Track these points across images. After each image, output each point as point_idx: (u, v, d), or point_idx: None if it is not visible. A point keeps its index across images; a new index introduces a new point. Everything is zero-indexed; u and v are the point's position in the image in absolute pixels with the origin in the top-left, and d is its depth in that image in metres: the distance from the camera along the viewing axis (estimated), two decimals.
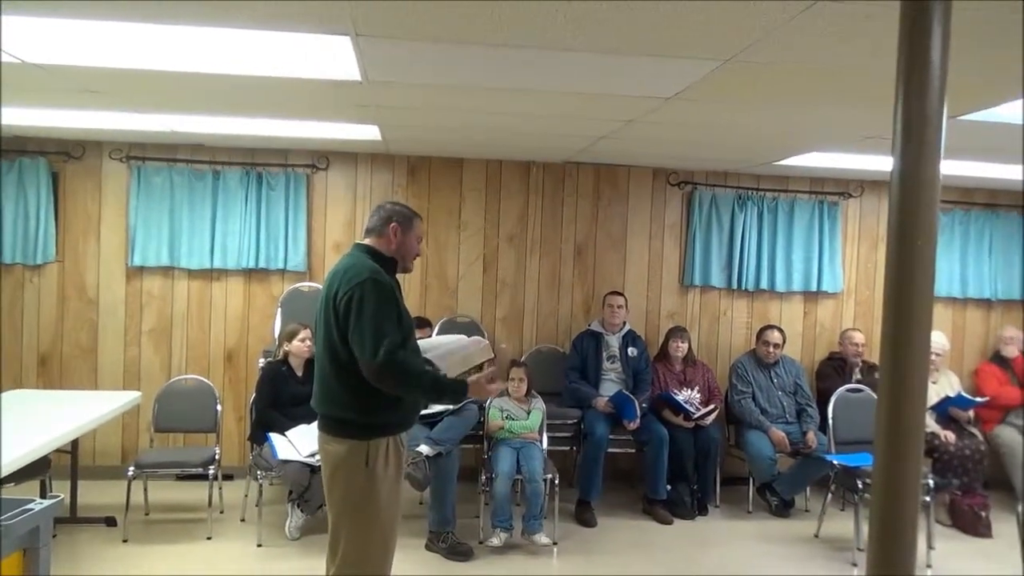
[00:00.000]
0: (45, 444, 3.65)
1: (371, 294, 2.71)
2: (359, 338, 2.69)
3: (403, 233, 2.95)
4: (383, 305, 2.73)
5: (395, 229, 2.93)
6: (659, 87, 3.24)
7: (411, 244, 3.00)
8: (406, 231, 2.96)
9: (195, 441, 5.27)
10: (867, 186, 6.19)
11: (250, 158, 5.62)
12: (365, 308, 2.69)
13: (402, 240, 2.95)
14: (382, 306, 2.72)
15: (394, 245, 2.94)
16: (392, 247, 2.94)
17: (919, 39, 1.56)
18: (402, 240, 2.95)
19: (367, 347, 2.67)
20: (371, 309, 2.70)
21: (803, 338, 6.19)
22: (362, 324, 2.69)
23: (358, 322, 2.70)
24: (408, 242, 2.98)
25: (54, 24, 2.57)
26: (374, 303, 2.71)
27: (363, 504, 2.79)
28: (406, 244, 2.98)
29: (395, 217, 2.95)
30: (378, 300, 2.72)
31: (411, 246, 3.00)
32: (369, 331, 2.68)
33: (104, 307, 5.57)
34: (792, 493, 5.37)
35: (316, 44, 2.72)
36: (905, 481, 1.59)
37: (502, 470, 4.56)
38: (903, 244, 1.58)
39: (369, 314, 2.69)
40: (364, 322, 2.69)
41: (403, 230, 2.95)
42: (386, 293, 2.76)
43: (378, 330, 2.68)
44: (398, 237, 2.94)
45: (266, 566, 4.26)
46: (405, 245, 2.97)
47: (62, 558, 4.05)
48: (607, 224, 6.01)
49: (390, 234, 2.93)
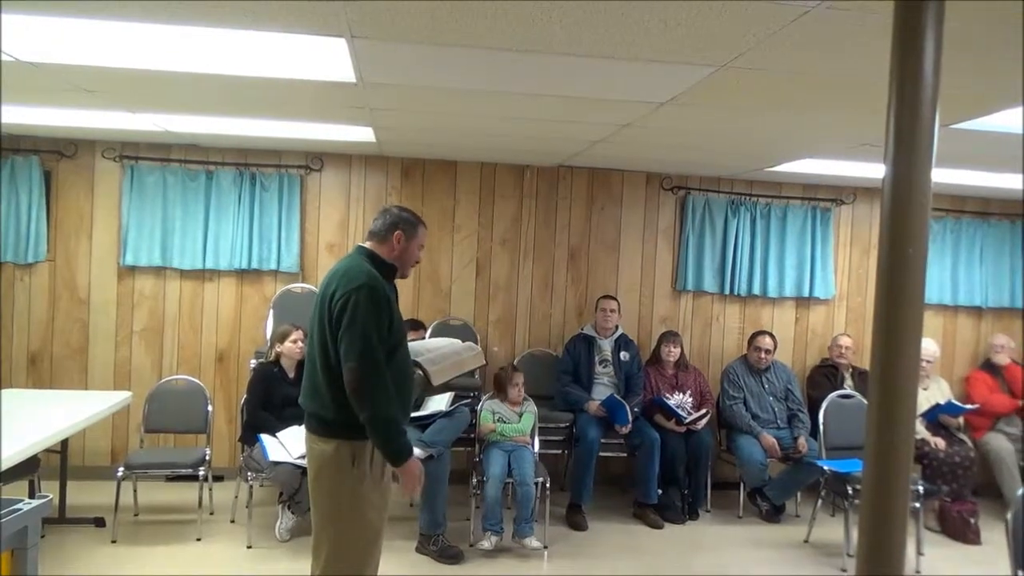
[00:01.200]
0: (34, 444, 3.62)
1: (365, 302, 2.71)
2: (347, 340, 2.70)
3: (407, 241, 2.94)
4: (373, 316, 2.71)
5: (399, 237, 2.92)
6: (653, 92, 3.25)
7: (413, 252, 2.99)
8: (410, 239, 2.95)
9: (186, 442, 5.25)
10: (859, 193, 6.22)
11: (243, 158, 5.60)
12: (357, 314, 2.69)
13: (405, 248, 2.94)
14: (371, 316, 2.71)
15: (396, 252, 2.93)
16: (394, 254, 2.93)
17: (912, 47, 1.57)
18: (405, 248, 2.94)
19: (350, 352, 2.68)
20: (362, 316, 2.69)
21: (795, 344, 6.21)
22: (352, 330, 2.69)
23: (350, 326, 2.70)
24: (410, 250, 2.97)
25: (49, 22, 2.56)
26: (365, 311, 2.70)
27: (348, 505, 2.78)
28: (408, 252, 2.96)
29: (401, 225, 2.93)
30: (369, 310, 2.70)
31: (412, 254, 2.99)
32: (357, 337, 2.68)
33: (95, 307, 5.54)
34: (783, 498, 5.38)
35: (311, 45, 2.72)
36: (895, 487, 1.60)
37: (493, 473, 4.56)
38: (894, 251, 1.59)
39: (360, 321, 2.69)
40: (354, 328, 2.69)
41: (407, 238, 2.94)
42: (379, 301, 2.74)
43: (364, 338, 2.68)
44: (401, 245, 2.93)
45: (256, 567, 4.24)
46: (407, 253, 2.96)
47: (50, 559, 4.03)
48: (600, 228, 6.02)
49: (393, 241, 2.92)
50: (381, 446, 2.74)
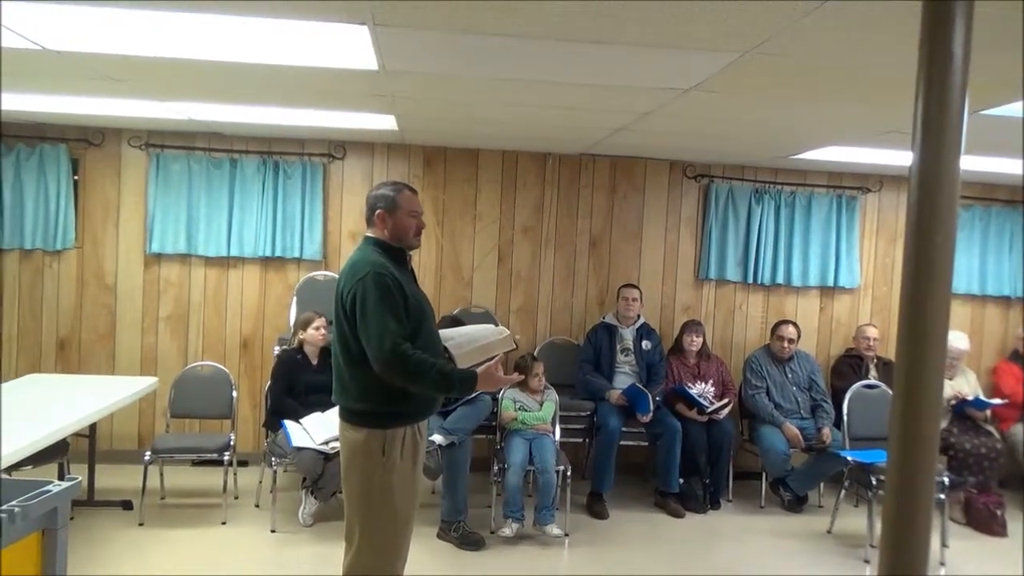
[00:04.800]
0: (63, 428, 3.70)
1: (372, 290, 2.71)
2: (365, 334, 2.71)
3: (390, 216, 2.89)
4: (384, 299, 2.72)
5: (381, 216, 2.89)
6: (677, 79, 3.22)
7: (404, 223, 2.91)
8: (393, 211, 2.89)
9: (210, 427, 5.32)
10: (886, 181, 6.13)
11: (267, 147, 5.64)
12: (368, 304, 2.71)
13: (393, 223, 2.89)
14: (383, 301, 2.71)
15: (387, 231, 2.90)
16: (386, 233, 2.90)
17: (941, 32, 1.54)
18: (393, 223, 2.89)
19: (373, 343, 2.69)
20: (372, 305, 2.70)
21: (819, 333, 6.16)
22: (367, 320, 2.71)
23: (363, 319, 2.71)
24: (400, 222, 2.90)
25: (75, 11, 2.59)
26: (375, 298, 2.71)
27: (378, 493, 2.80)
28: (398, 225, 2.90)
29: (378, 203, 2.90)
30: (379, 295, 2.71)
31: (405, 224, 2.92)
32: (373, 326, 2.69)
33: (122, 293, 5.62)
34: (805, 489, 5.35)
35: (334, 33, 2.72)
36: (919, 478, 1.58)
37: (514, 461, 4.57)
38: (921, 240, 1.56)
39: (371, 310, 2.70)
40: (368, 318, 2.70)
41: (389, 212, 2.89)
42: (387, 287, 2.74)
43: (380, 325, 2.69)
44: (387, 222, 2.89)
45: (280, 552, 4.30)
46: (398, 226, 2.90)
47: (79, 540, 4.10)
48: (623, 216, 5.99)
49: (378, 222, 2.90)
50: (451, 396, 2.76)
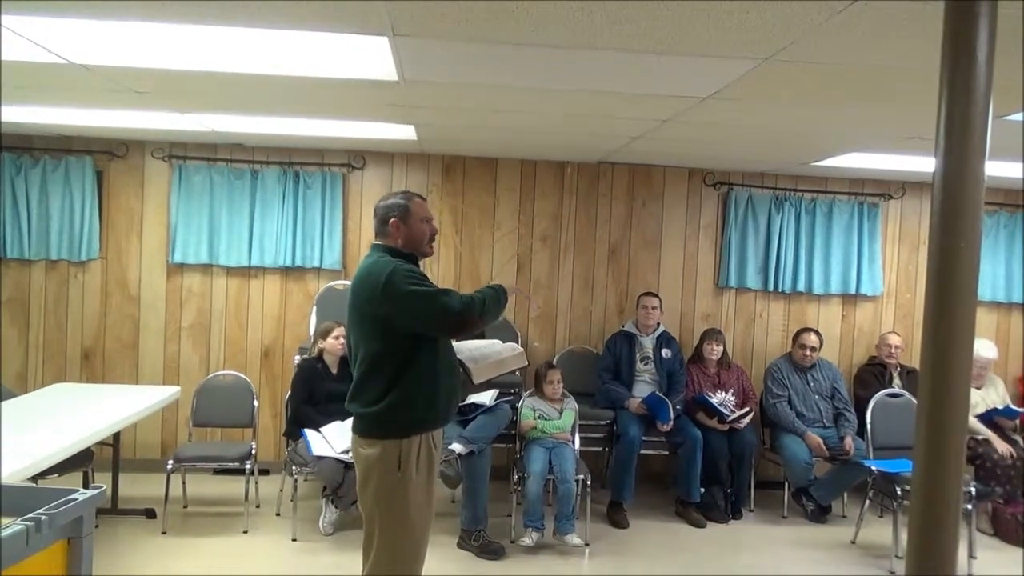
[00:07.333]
0: (88, 436, 3.75)
1: (401, 280, 2.73)
2: (418, 316, 2.74)
3: (405, 224, 2.89)
4: (414, 280, 2.75)
5: (395, 224, 2.89)
6: (696, 87, 3.21)
7: (418, 230, 2.92)
8: (406, 220, 2.90)
9: (232, 436, 5.36)
10: (908, 187, 6.07)
11: (287, 157, 5.69)
12: (403, 291, 2.72)
13: (407, 231, 2.90)
14: (414, 281, 2.75)
15: (401, 240, 2.90)
16: (400, 242, 2.90)
17: (964, 37, 1.53)
18: (407, 231, 2.90)
19: (432, 314, 2.73)
20: (407, 289, 2.72)
21: (841, 342, 6.10)
22: (413, 304, 2.72)
23: (407, 306, 2.72)
24: (414, 229, 2.91)
25: (99, 26, 2.63)
26: (407, 284, 2.73)
27: (394, 507, 2.80)
28: (413, 233, 2.91)
29: (391, 212, 2.90)
30: (409, 279, 2.74)
31: (419, 232, 2.92)
32: (420, 303, 2.72)
33: (145, 303, 5.68)
34: (829, 498, 5.29)
35: (354, 44, 2.75)
36: (946, 488, 1.56)
37: (534, 470, 4.56)
38: (945, 246, 1.55)
39: (409, 292, 2.72)
40: (413, 301, 2.72)
41: (403, 222, 2.89)
42: (412, 271, 2.79)
43: (425, 297, 2.73)
44: (401, 230, 2.90)
45: (300, 560, 4.31)
46: (412, 234, 2.91)
47: (103, 548, 4.14)
48: (642, 225, 5.98)
49: (392, 231, 2.90)
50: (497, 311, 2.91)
